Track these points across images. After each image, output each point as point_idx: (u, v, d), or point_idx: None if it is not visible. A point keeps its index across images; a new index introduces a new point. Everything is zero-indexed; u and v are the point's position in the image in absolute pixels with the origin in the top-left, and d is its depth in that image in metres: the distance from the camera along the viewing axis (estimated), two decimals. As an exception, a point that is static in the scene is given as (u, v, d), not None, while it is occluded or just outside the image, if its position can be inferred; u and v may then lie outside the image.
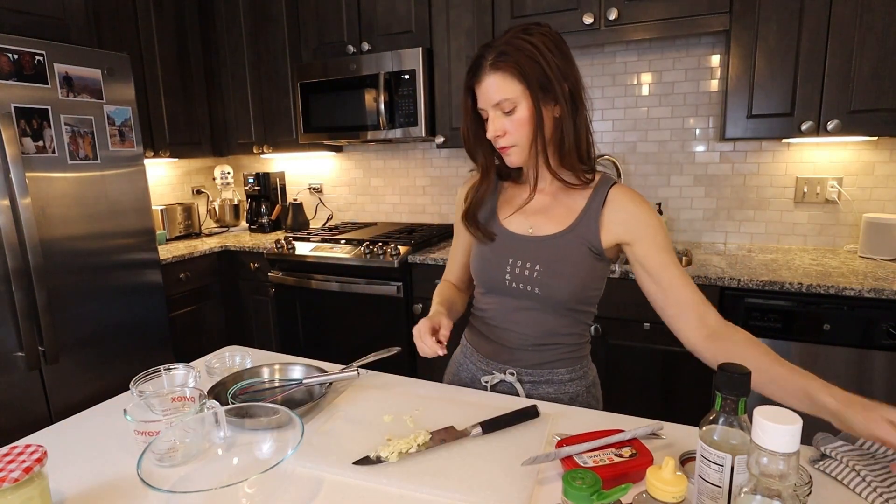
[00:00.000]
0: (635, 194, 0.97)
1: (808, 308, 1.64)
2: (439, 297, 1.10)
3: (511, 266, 1.00)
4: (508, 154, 0.96)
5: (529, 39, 0.90)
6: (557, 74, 0.90)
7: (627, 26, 1.98)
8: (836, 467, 0.71)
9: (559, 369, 1.04)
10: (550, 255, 0.98)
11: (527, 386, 1.03)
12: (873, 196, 2.03)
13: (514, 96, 0.90)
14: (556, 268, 0.97)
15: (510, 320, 1.03)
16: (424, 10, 2.33)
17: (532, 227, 1.02)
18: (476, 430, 0.83)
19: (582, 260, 0.97)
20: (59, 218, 1.92)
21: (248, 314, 2.78)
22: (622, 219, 0.95)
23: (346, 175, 3.09)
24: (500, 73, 0.90)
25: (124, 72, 2.10)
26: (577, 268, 0.97)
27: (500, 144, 0.95)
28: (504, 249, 1.02)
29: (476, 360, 1.10)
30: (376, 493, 0.71)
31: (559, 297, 0.97)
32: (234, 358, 1.09)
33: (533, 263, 0.98)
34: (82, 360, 2.01)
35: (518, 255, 1.00)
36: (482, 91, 0.92)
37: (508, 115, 0.92)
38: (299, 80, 2.58)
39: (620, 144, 2.40)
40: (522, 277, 0.99)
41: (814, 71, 1.78)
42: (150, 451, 0.71)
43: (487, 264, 1.04)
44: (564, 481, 0.53)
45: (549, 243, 0.99)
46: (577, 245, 0.97)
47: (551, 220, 1.00)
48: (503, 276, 1.01)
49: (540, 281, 0.97)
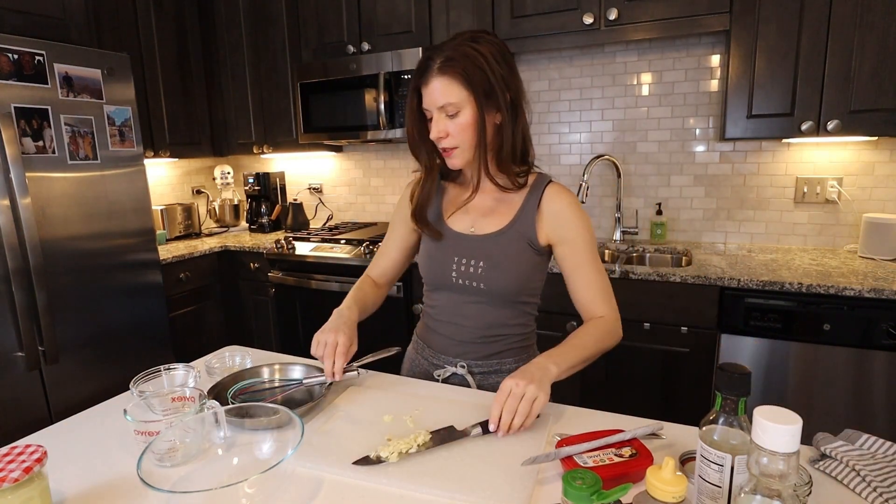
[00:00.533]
0: (566, 195, 1.03)
1: (808, 308, 1.64)
2: (355, 294, 1.12)
3: (457, 264, 1.05)
4: (451, 156, 0.99)
5: (476, 47, 0.93)
6: (501, 83, 0.94)
7: (627, 26, 1.98)
8: (836, 467, 0.71)
9: (506, 359, 1.09)
10: (492, 251, 1.03)
11: (477, 377, 1.08)
12: (873, 196, 2.03)
13: (459, 101, 0.93)
14: (498, 263, 1.02)
15: (458, 315, 1.08)
16: (424, 10, 2.33)
17: (474, 226, 1.07)
18: (476, 430, 0.83)
19: (521, 255, 1.03)
20: (59, 218, 1.92)
21: (248, 314, 2.78)
22: (552, 219, 1.02)
23: (346, 175, 3.09)
24: (447, 78, 0.93)
25: (124, 72, 2.10)
26: (517, 263, 1.03)
27: (442, 146, 0.99)
28: (450, 248, 1.07)
29: (427, 355, 1.14)
30: (376, 493, 0.71)
31: (503, 290, 1.03)
32: (234, 358, 1.09)
33: (477, 260, 1.04)
34: (82, 360, 2.01)
35: (463, 253, 1.05)
36: (428, 93, 0.95)
37: (452, 119, 0.95)
38: (299, 80, 2.58)
39: (620, 144, 2.40)
40: (468, 274, 1.04)
41: (814, 71, 1.78)
42: (150, 451, 0.71)
43: (435, 263, 1.09)
44: (564, 481, 0.53)
45: (491, 241, 1.04)
46: (517, 241, 1.03)
47: (492, 219, 1.06)
48: (450, 273, 1.06)
49: (484, 276, 1.03)
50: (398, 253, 1.20)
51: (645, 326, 1.85)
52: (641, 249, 2.30)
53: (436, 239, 1.09)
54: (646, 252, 2.29)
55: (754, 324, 1.70)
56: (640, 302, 1.85)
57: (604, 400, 1.97)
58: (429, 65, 0.94)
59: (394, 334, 2.27)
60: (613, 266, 1.89)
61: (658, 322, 1.84)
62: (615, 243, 2.37)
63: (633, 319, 1.87)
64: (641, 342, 1.87)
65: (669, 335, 1.84)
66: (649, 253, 2.28)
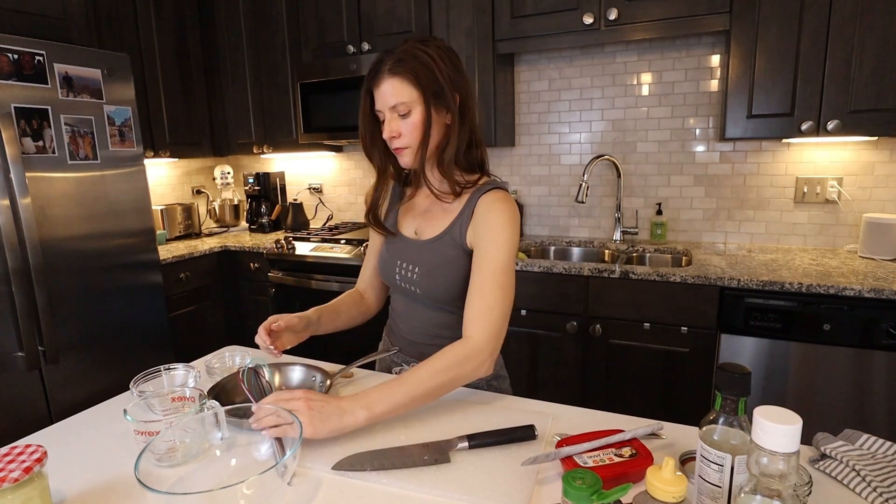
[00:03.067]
0: (499, 203, 0.98)
1: (808, 308, 1.64)
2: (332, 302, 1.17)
3: (399, 267, 1.09)
4: (402, 155, 1.01)
5: (426, 50, 0.95)
6: (449, 84, 0.96)
7: (627, 26, 1.98)
8: (836, 467, 0.71)
9: None
10: (428, 257, 1.05)
11: None
12: (873, 196, 2.03)
13: (409, 101, 0.95)
14: (431, 270, 1.04)
15: (406, 314, 1.12)
16: (424, 11, 2.33)
17: (417, 230, 1.09)
18: (462, 443, 0.79)
19: (455, 261, 1.02)
20: (59, 218, 1.92)
21: (248, 314, 2.78)
22: (476, 227, 1.00)
23: (346, 175, 3.09)
24: (398, 79, 0.94)
25: (124, 72, 2.10)
26: (451, 269, 1.02)
27: (394, 146, 1.00)
28: (396, 251, 1.10)
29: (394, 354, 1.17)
30: (376, 494, 0.71)
31: (437, 296, 1.04)
32: (234, 358, 1.09)
33: (414, 265, 1.06)
34: (82, 360, 2.00)
35: (404, 257, 1.08)
36: (380, 94, 0.96)
37: (403, 119, 0.96)
38: (299, 80, 2.58)
39: (620, 144, 2.40)
40: (406, 278, 1.07)
41: (814, 71, 1.78)
42: (150, 451, 0.71)
43: (384, 264, 1.13)
44: (564, 481, 0.53)
45: (428, 247, 1.06)
46: (451, 247, 1.03)
47: (432, 224, 1.07)
48: (394, 275, 1.10)
49: (418, 282, 1.05)
50: (375, 258, 1.21)
51: (645, 326, 1.85)
52: (641, 249, 2.30)
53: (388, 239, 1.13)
54: (646, 252, 2.29)
55: (754, 324, 1.70)
56: (640, 302, 1.85)
57: (604, 400, 1.97)
58: (380, 67, 0.96)
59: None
60: (613, 266, 1.89)
61: (658, 322, 1.84)
62: (615, 243, 2.37)
63: (633, 319, 1.87)
64: (641, 342, 1.87)
65: (669, 335, 1.84)
66: (649, 253, 2.28)
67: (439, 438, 0.82)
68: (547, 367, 2.04)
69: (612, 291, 1.89)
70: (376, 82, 0.96)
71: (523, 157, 2.61)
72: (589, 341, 1.95)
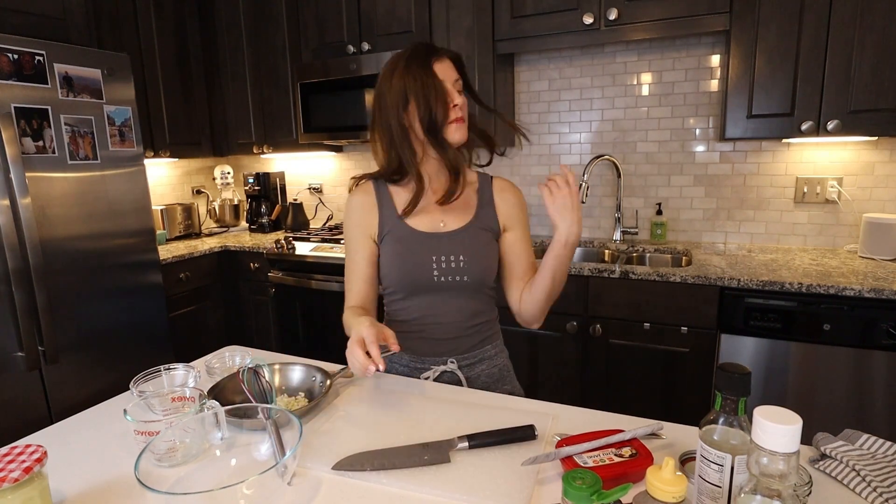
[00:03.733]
0: (512, 185, 1.16)
1: (808, 308, 1.64)
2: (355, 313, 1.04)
3: (437, 262, 1.07)
4: (461, 128, 1.04)
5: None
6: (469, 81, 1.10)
7: (627, 26, 1.98)
8: (836, 467, 0.71)
9: (486, 346, 1.14)
10: (470, 244, 1.08)
11: (465, 369, 1.11)
12: (873, 196, 2.03)
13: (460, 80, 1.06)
14: (477, 254, 1.08)
15: (438, 314, 1.10)
16: (424, 10, 2.33)
17: (443, 222, 1.10)
18: (463, 443, 0.79)
19: (490, 244, 1.11)
20: (59, 218, 1.92)
21: (248, 314, 2.78)
22: (507, 208, 1.13)
23: (346, 175, 3.09)
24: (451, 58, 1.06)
25: (124, 72, 2.10)
26: (490, 251, 1.11)
27: (459, 115, 1.04)
28: (427, 249, 1.08)
29: (408, 362, 1.13)
30: (376, 494, 0.71)
31: (483, 279, 1.09)
32: (234, 358, 1.09)
33: (457, 254, 1.07)
34: (82, 360, 2.01)
35: (441, 251, 1.08)
36: (446, 66, 1.04)
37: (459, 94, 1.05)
38: (299, 80, 2.58)
39: (620, 144, 2.40)
40: (449, 269, 1.07)
41: (814, 71, 1.78)
42: (150, 451, 0.71)
43: (412, 267, 1.07)
44: (564, 481, 0.53)
45: (463, 234, 1.09)
46: (484, 231, 1.10)
47: (455, 215, 1.11)
48: (430, 274, 1.07)
49: (467, 269, 1.07)
50: (370, 267, 1.12)
51: (645, 326, 1.85)
52: (641, 249, 2.30)
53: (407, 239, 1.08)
54: (646, 252, 2.29)
55: (754, 324, 1.70)
56: (640, 302, 1.85)
57: (604, 400, 1.97)
58: (432, 45, 1.04)
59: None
60: (613, 266, 1.89)
61: (658, 322, 1.84)
62: (615, 243, 2.37)
63: (633, 319, 1.87)
64: (641, 342, 1.87)
65: (669, 335, 1.84)
66: (649, 253, 2.28)
67: (439, 438, 0.82)
68: (547, 367, 2.04)
69: (612, 291, 1.89)
70: (439, 56, 1.03)
71: (523, 157, 2.61)
72: (589, 341, 1.95)
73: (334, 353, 2.42)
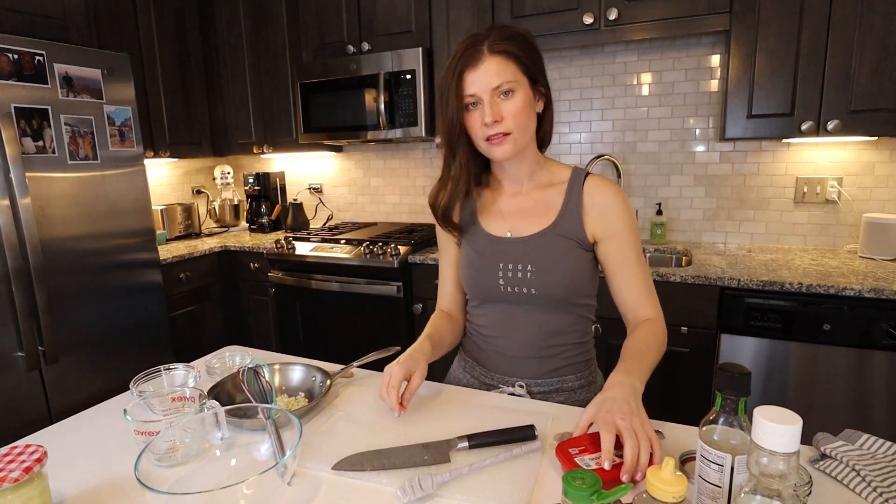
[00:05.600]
0: (609, 186, 0.98)
1: (808, 308, 1.64)
2: (430, 328, 1.05)
3: (504, 270, 0.99)
4: (501, 143, 0.91)
5: (521, 33, 0.92)
6: (542, 70, 0.94)
7: (627, 26, 1.98)
8: (836, 467, 0.71)
9: (567, 376, 1.02)
10: (542, 253, 0.97)
11: (537, 397, 1.01)
12: (873, 196, 2.03)
13: (514, 80, 0.89)
14: (548, 265, 0.96)
15: (510, 327, 1.01)
16: (424, 10, 2.33)
17: (511, 229, 1.01)
18: (462, 443, 0.79)
19: (570, 254, 0.97)
20: (59, 218, 1.92)
21: (248, 314, 2.78)
22: (599, 214, 0.97)
23: (346, 175, 3.09)
24: (502, 57, 0.89)
25: (124, 72, 2.10)
26: (567, 262, 0.97)
27: (494, 131, 0.90)
28: (494, 255, 1.00)
29: (479, 374, 1.07)
30: (376, 494, 0.71)
31: (556, 293, 0.97)
32: (234, 358, 1.09)
33: (525, 264, 0.97)
34: (82, 360, 2.00)
35: (508, 258, 0.99)
36: (480, 75, 0.89)
37: (505, 101, 0.90)
38: (299, 80, 2.58)
39: (620, 144, 2.40)
40: (516, 280, 0.98)
41: (814, 71, 1.78)
42: (150, 451, 0.71)
43: (478, 273, 1.02)
44: (564, 481, 0.53)
45: (535, 242, 0.98)
46: (563, 240, 0.97)
47: (530, 220, 1.00)
48: (496, 282, 0.99)
49: (534, 281, 0.97)
50: (454, 269, 1.10)
51: (645, 326, 1.85)
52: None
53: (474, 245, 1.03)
54: (646, 252, 2.29)
55: (754, 324, 1.70)
56: (640, 302, 1.84)
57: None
58: (478, 47, 0.89)
59: (393, 334, 2.27)
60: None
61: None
62: (615, 243, 2.37)
63: (633, 319, 1.87)
64: (641, 342, 1.87)
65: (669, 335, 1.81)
66: (649, 253, 2.28)
67: (439, 438, 0.82)
68: (547, 367, 2.04)
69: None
70: (475, 62, 0.88)
71: (523, 157, 2.61)
72: (589, 341, 1.94)
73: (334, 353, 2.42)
